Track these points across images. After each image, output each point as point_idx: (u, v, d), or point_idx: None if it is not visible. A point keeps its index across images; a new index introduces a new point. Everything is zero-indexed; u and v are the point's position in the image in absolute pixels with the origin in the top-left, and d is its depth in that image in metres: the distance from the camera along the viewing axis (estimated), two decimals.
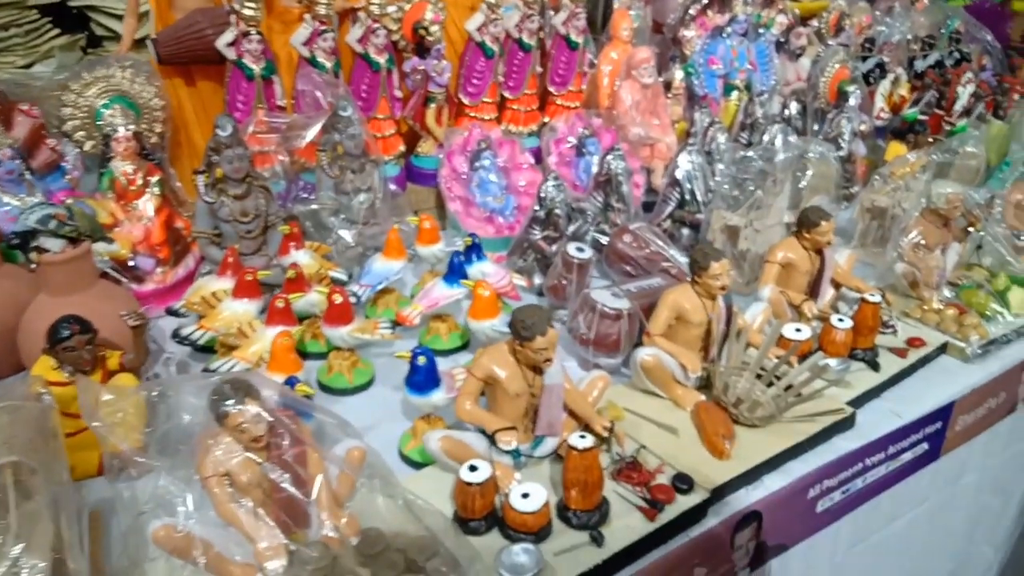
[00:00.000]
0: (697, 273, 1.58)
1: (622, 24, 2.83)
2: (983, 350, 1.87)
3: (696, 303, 1.60)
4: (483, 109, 2.61)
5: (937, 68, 3.44)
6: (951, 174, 2.43)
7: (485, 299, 1.68)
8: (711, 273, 1.55)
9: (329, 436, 1.29)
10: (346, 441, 1.21)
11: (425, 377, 1.42)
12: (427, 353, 1.43)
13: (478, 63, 2.53)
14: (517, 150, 2.55)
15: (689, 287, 1.62)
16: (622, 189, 2.36)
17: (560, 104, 2.79)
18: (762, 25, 3.13)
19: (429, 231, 2.03)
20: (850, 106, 2.93)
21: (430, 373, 1.42)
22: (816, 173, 2.30)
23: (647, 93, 2.76)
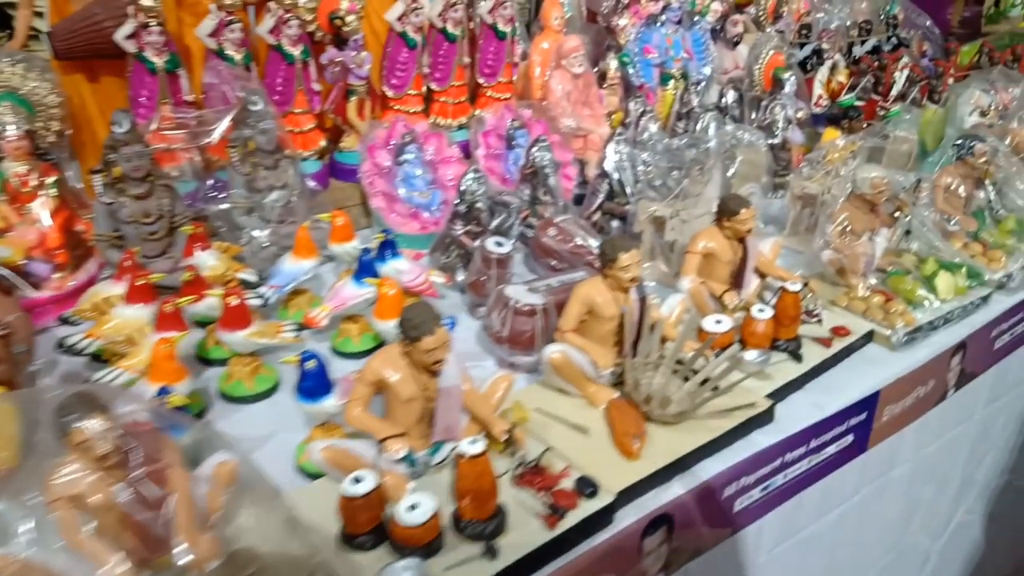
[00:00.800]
0: (607, 265, 1.52)
1: (552, 13, 2.77)
2: (909, 337, 1.83)
3: (607, 296, 1.54)
4: (408, 102, 2.52)
5: (875, 54, 3.44)
6: (883, 159, 2.40)
7: (390, 298, 1.60)
8: (620, 265, 1.49)
9: (207, 451, 1.20)
10: (216, 456, 1.13)
11: (315, 383, 1.34)
12: (316, 357, 1.35)
13: (401, 54, 2.45)
14: (444, 143, 2.47)
15: (600, 280, 1.55)
16: (549, 181, 2.29)
17: (491, 96, 2.72)
18: (697, 13, 3.09)
19: (342, 228, 1.94)
20: (785, 93, 2.90)
21: (320, 378, 1.34)
22: (745, 161, 2.26)
23: (578, 83, 2.70)
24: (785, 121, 2.76)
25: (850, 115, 2.73)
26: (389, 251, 1.88)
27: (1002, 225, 2.25)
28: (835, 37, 3.56)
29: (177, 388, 1.36)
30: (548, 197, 2.31)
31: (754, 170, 2.31)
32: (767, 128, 2.75)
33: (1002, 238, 2.19)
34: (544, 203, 2.31)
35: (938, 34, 4.00)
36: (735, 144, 2.31)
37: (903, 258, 2.08)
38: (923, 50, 3.95)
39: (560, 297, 1.78)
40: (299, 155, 2.32)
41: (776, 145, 2.75)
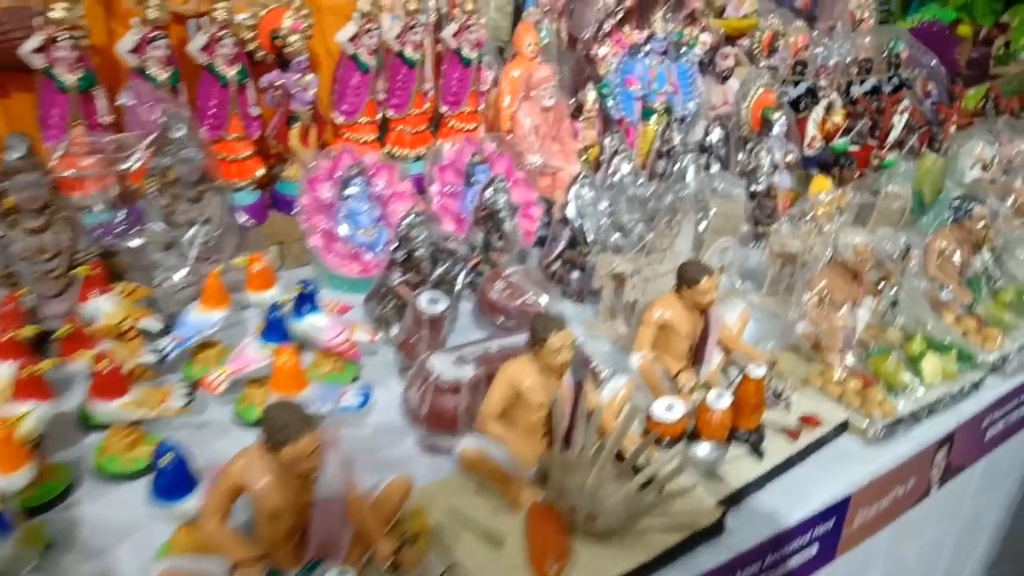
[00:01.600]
0: (536, 346, 1.31)
1: (526, 39, 2.57)
2: (887, 431, 1.62)
3: (536, 381, 1.33)
4: (360, 130, 2.32)
5: (874, 95, 3.24)
6: (873, 216, 2.19)
7: (286, 369, 1.39)
8: (551, 347, 1.28)
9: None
10: None
11: (172, 480, 1.13)
12: (174, 449, 1.14)
13: (353, 78, 2.25)
14: (396, 176, 2.26)
15: (529, 361, 1.34)
16: (504, 226, 2.09)
17: (454, 126, 2.52)
18: (684, 44, 2.89)
19: (260, 275, 1.73)
20: (773, 134, 2.71)
21: (178, 475, 1.13)
22: (720, 213, 2.05)
23: (548, 116, 2.50)
24: (771, 166, 2.55)
25: (841, 163, 2.52)
26: (307, 305, 1.67)
27: (1000, 297, 2.04)
28: (833, 74, 3.37)
29: (12, 480, 1.15)
30: (503, 243, 2.10)
31: (730, 223, 2.11)
32: (751, 173, 2.55)
33: (999, 312, 1.98)
34: (498, 250, 2.11)
35: (944, 74, 3.80)
36: (710, 193, 2.10)
37: (887, 333, 1.86)
38: (927, 90, 3.76)
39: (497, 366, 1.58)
40: (232, 185, 2.12)
41: (760, 192, 2.55)
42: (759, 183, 2.54)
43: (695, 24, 2.85)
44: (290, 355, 1.38)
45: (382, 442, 1.56)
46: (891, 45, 3.60)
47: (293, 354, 1.39)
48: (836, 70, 3.38)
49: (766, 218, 2.59)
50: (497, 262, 2.11)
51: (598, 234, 2.10)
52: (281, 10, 2.03)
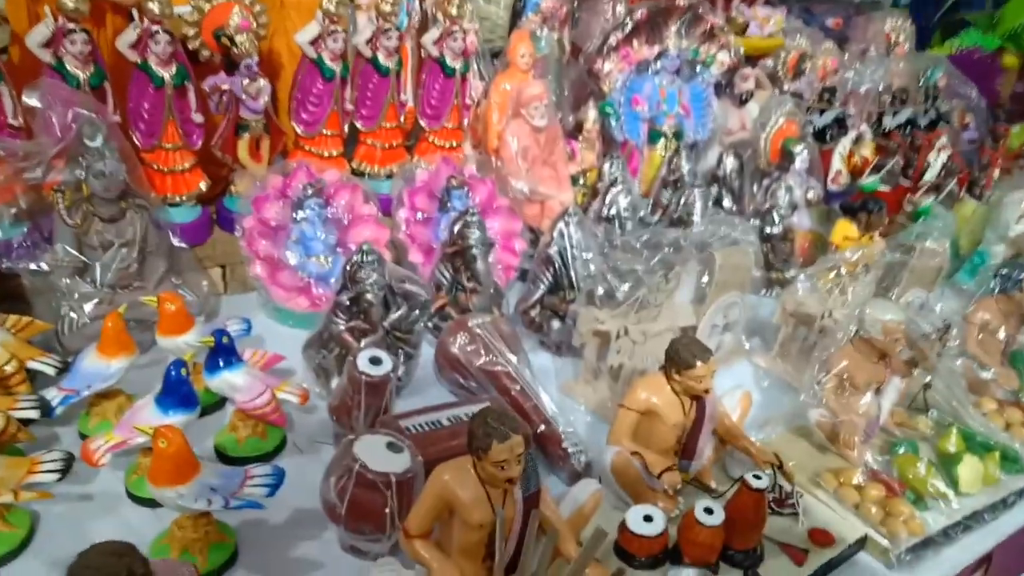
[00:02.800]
0: (475, 453, 1.02)
1: (520, 48, 2.28)
2: (913, 555, 1.32)
3: (476, 494, 1.04)
4: (322, 143, 2.04)
5: (908, 128, 2.93)
6: (905, 277, 1.89)
7: (166, 454, 1.10)
8: (493, 458, 1.00)
9: None
10: None
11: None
12: None
13: (315, 85, 1.97)
14: (359, 198, 1.98)
15: (469, 467, 1.06)
16: (476, 266, 1.81)
17: (434, 143, 2.24)
18: (700, 63, 2.59)
19: (173, 316, 1.46)
20: (795, 168, 2.41)
21: None
22: (726, 265, 1.76)
23: (540, 138, 2.21)
24: (789, 207, 2.26)
25: (869, 207, 2.22)
26: (222, 359, 1.40)
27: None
28: (864, 102, 3.07)
29: None
30: (473, 284, 1.82)
31: (737, 276, 1.81)
32: (765, 214, 2.26)
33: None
34: (468, 291, 1.83)
35: (984, 107, 3.49)
36: (716, 241, 1.81)
37: (917, 422, 1.57)
38: (965, 123, 3.45)
39: (445, 448, 1.30)
40: (167, 200, 1.86)
41: (775, 235, 2.26)
42: (775, 225, 2.24)
43: (713, 41, 2.56)
44: (171, 439, 1.10)
45: (302, 532, 1.29)
46: (928, 73, 3.30)
47: (174, 438, 1.10)
48: (867, 98, 3.07)
49: (781, 263, 2.31)
50: (466, 305, 1.83)
51: (585, 280, 1.81)
52: (229, 5, 1.76)
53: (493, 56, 2.41)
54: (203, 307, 1.80)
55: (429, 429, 1.39)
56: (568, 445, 1.44)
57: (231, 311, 1.89)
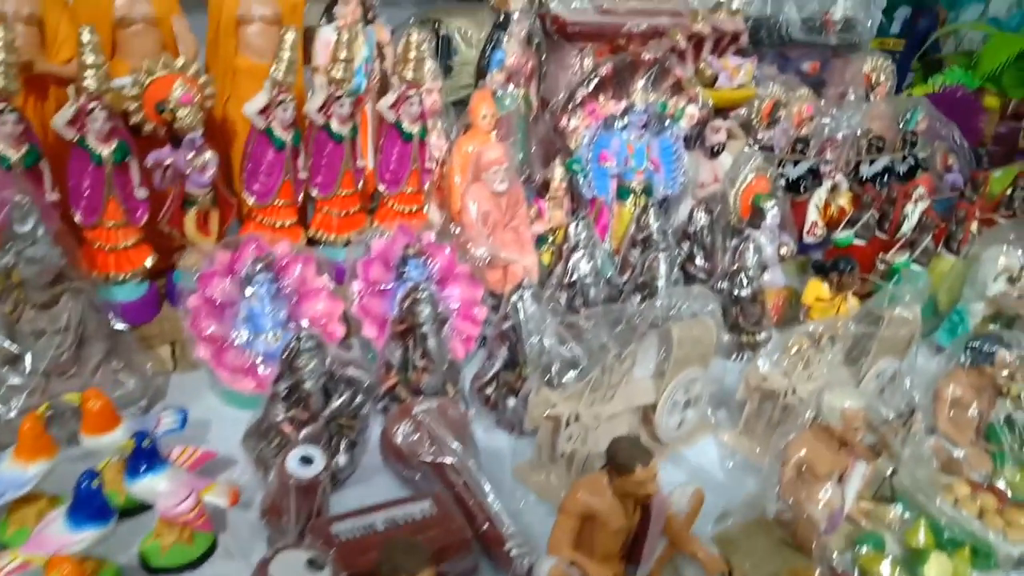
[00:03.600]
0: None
1: (481, 109, 2.24)
2: None
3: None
4: (275, 213, 1.99)
5: (886, 176, 2.88)
6: (873, 347, 1.82)
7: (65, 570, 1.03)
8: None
9: None
10: None
11: None
12: None
13: (266, 155, 1.93)
14: (312, 270, 1.93)
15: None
16: (427, 343, 1.74)
17: (394, 208, 2.19)
18: (668, 117, 2.54)
19: (98, 414, 1.40)
20: (765, 225, 2.36)
21: None
22: (684, 339, 1.69)
23: (501, 201, 2.16)
24: (758, 267, 2.20)
25: (840, 267, 2.16)
26: (144, 463, 1.33)
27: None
28: (841, 148, 3.02)
29: None
30: (425, 362, 1.76)
31: (698, 349, 1.74)
32: (733, 275, 2.19)
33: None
34: (419, 370, 1.76)
35: (967, 148, 3.44)
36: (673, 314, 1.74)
37: (883, 512, 1.49)
38: (948, 164, 3.41)
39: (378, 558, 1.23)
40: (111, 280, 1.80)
41: (744, 298, 2.19)
42: (743, 288, 2.18)
43: (681, 95, 2.51)
44: (65, 569, 1.03)
45: None
46: (907, 117, 3.26)
47: (68, 569, 1.03)
48: (845, 144, 3.03)
49: (752, 326, 2.24)
50: (418, 385, 1.77)
51: (537, 357, 1.75)
52: (171, 78, 1.71)
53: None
54: (145, 391, 1.74)
55: (362, 535, 1.31)
56: (512, 547, 1.37)
57: (180, 391, 1.84)
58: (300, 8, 2.04)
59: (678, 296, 1.77)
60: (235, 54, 1.99)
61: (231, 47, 1.97)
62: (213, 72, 2.02)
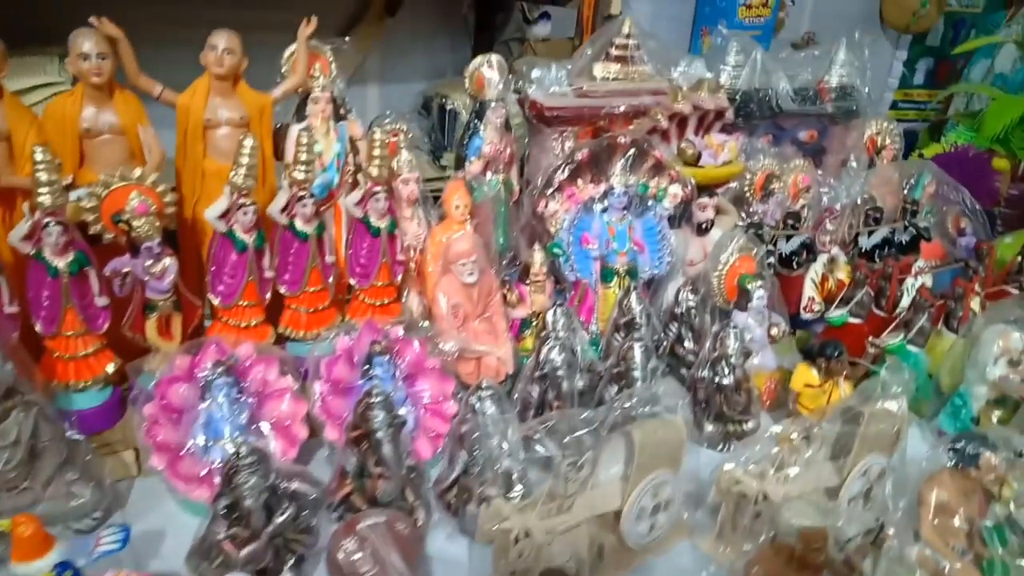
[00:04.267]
0: None
1: (453, 199, 2.23)
2: None
3: None
4: (240, 314, 1.99)
5: (886, 248, 2.79)
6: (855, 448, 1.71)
7: None
8: None
9: None
10: None
11: None
12: None
13: (229, 257, 1.93)
14: (275, 370, 1.90)
15: None
16: (382, 450, 1.69)
17: (365, 302, 2.17)
18: (651, 197, 2.50)
19: (29, 540, 1.37)
20: (752, 307, 2.28)
21: None
22: (648, 443, 1.61)
23: (472, 292, 2.13)
24: (740, 354, 2.11)
25: (827, 352, 2.07)
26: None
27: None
28: (841, 218, 2.93)
29: None
30: (381, 469, 1.70)
31: (663, 451, 1.66)
32: (715, 363, 2.11)
33: None
34: (375, 477, 1.71)
35: (979, 210, 3.32)
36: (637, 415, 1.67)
37: None
38: (960, 228, 3.28)
39: None
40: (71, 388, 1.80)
41: (727, 386, 2.11)
42: (725, 376, 2.10)
43: (662, 174, 2.47)
44: None
45: None
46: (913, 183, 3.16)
47: None
48: (844, 213, 2.94)
49: (739, 415, 2.14)
50: (373, 493, 1.71)
51: (492, 464, 1.68)
52: (128, 189, 1.73)
53: None
54: (100, 502, 1.71)
55: None
56: None
57: (144, 496, 1.83)
58: (268, 111, 2.07)
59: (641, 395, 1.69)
60: (203, 157, 2.01)
61: (199, 151, 2.00)
62: (183, 175, 2.05)
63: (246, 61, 2.00)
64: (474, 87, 2.47)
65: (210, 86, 1.97)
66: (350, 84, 3.01)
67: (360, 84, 3.55)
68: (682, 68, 2.89)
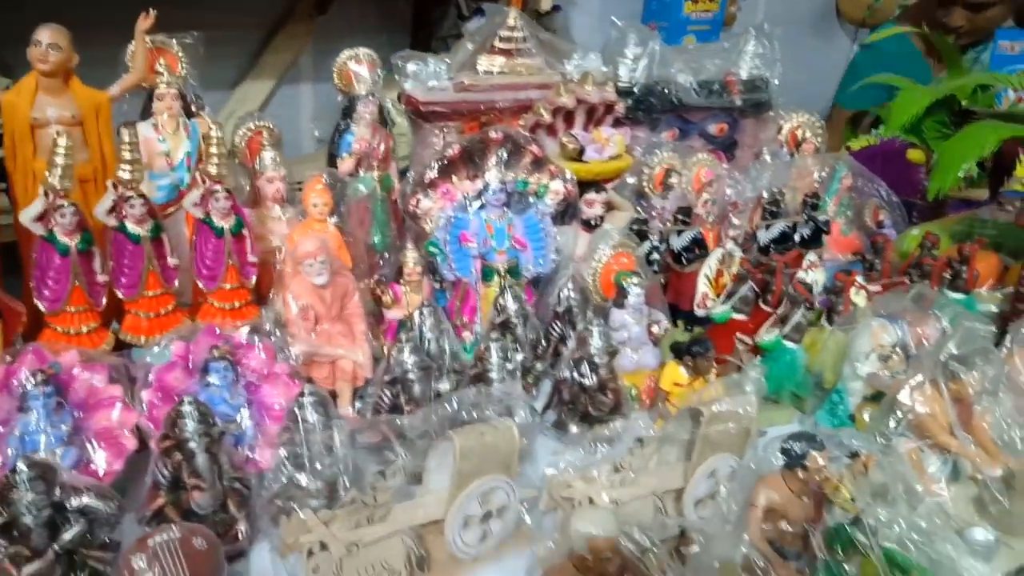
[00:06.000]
0: None
1: (310, 197, 2.15)
2: None
3: None
4: (68, 320, 1.89)
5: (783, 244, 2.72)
6: (695, 452, 1.63)
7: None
8: None
9: None
10: None
11: None
12: None
13: (52, 262, 1.83)
14: (104, 376, 1.80)
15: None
16: (195, 461, 1.60)
17: (215, 306, 2.08)
18: (531, 194, 2.42)
19: None
20: (630, 304, 2.20)
21: None
22: (472, 448, 1.52)
23: (325, 294, 2.04)
24: (604, 354, 2.03)
25: (694, 351, 1.99)
26: None
27: None
28: (744, 213, 2.86)
29: None
30: (196, 481, 1.61)
31: (494, 456, 1.57)
32: (577, 363, 2.03)
33: None
34: (190, 489, 1.61)
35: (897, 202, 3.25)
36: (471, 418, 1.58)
37: None
38: (879, 219, 3.22)
39: None
40: None
41: (590, 387, 2.02)
42: (587, 377, 2.01)
43: (542, 171, 2.40)
44: None
45: None
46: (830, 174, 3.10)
47: None
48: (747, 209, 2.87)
49: (606, 415, 2.06)
50: (188, 506, 1.62)
51: (312, 475, 1.59)
52: None
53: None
54: None
55: None
56: None
57: None
58: (105, 109, 1.98)
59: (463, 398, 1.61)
60: (32, 158, 1.92)
61: (28, 151, 1.91)
62: (14, 177, 1.96)
63: (76, 57, 1.91)
64: (343, 82, 2.39)
65: (37, 83, 1.89)
66: (282, 83, 2.96)
67: (292, 84, 3.48)
68: (576, 62, 2.81)
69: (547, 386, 2.20)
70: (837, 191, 3.18)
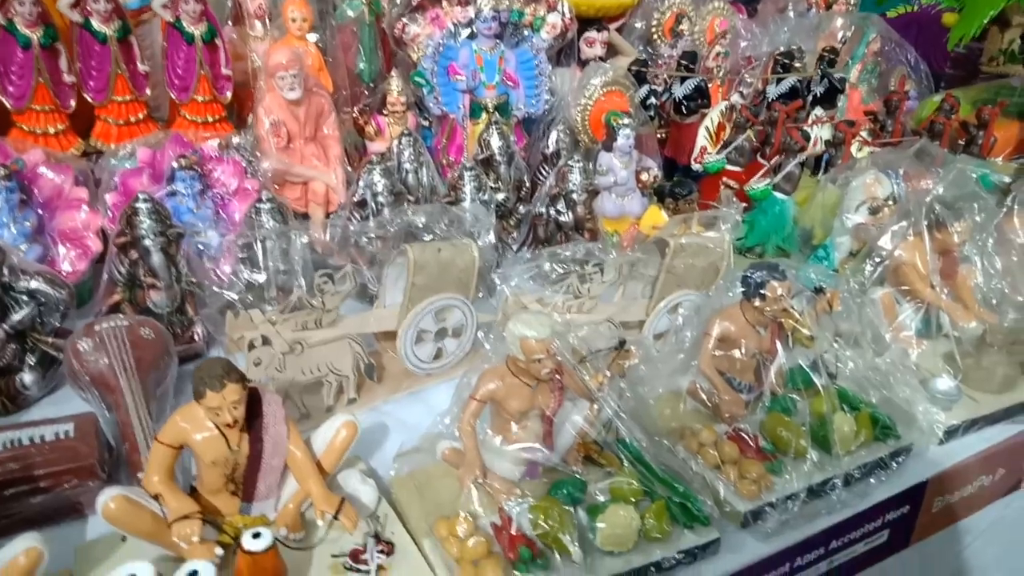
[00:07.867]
0: None
1: (289, 11, 2.05)
2: None
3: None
4: (34, 119, 1.86)
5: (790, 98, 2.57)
6: (660, 279, 1.59)
7: None
8: None
9: None
10: None
11: None
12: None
13: (14, 55, 1.77)
14: (69, 180, 1.78)
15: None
16: (151, 259, 1.59)
17: (188, 119, 2.02)
18: (526, 26, 2.29)
19: None
20: (618, 146, 2.10)
21: None
22: (429, 263, 1.49)
23: (299, 112, 1.97)
24: (583, 191, 1.96)
25: (676, 193, 1.91)
26: None
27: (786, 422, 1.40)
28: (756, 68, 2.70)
29: None
30: (152, 280, 1.61)
31: (451, 274, 1.54)
32: (553, 199, 1.97)
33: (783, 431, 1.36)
34: (147, 287, 1.61)
35: (924, 71, 3.07)
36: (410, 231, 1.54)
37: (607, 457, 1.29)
38: (905, 90, 3.04)
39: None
40: None
41: (566, 224, 1.97)
42: (564, 213, 1.95)
43: (540, 2, 2.25)
44: None
45: None
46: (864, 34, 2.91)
47: None
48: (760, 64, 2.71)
49: None
50: (144, 303, 1.62)
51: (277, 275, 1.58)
52: None
53: None
54: None
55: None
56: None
57: None
58: None
59: (427, 211, 1.56)
60: None
61: None
62: None
63: None
64: None
65: None
66: None
67: None
68: None
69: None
70: (863, 56, 2.99)
